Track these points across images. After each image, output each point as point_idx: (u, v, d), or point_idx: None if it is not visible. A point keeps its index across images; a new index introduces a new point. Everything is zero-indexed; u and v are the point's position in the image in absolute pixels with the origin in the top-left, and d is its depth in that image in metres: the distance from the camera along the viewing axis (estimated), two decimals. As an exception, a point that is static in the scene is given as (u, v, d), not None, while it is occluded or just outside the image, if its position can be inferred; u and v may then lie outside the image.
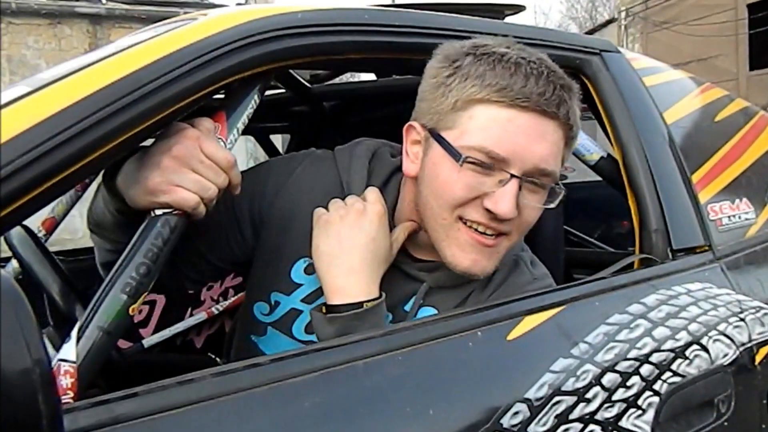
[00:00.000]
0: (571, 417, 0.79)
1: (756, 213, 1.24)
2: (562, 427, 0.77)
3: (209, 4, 9.54)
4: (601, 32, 15.38)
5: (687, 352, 0.94)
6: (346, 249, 0.81)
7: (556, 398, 0.78)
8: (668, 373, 0.91)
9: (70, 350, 0.62)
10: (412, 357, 0.74)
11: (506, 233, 0.81)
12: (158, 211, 0.71)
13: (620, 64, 1.19)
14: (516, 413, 0.74)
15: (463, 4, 1.25)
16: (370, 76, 1.69)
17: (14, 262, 1.28)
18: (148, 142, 0.74)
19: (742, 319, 1.04)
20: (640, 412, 0.86)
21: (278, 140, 2.50)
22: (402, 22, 0.92)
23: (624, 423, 0.84)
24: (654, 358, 0.90)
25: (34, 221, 1.22)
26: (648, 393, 0.87)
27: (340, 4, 0.90)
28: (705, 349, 0.96)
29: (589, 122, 1.36)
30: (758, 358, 1.04)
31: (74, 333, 0.63)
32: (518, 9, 1.37)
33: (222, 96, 0.82)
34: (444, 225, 0.81)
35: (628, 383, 0.86)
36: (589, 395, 0.81)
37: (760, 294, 1.12)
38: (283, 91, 1.67)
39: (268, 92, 1.50)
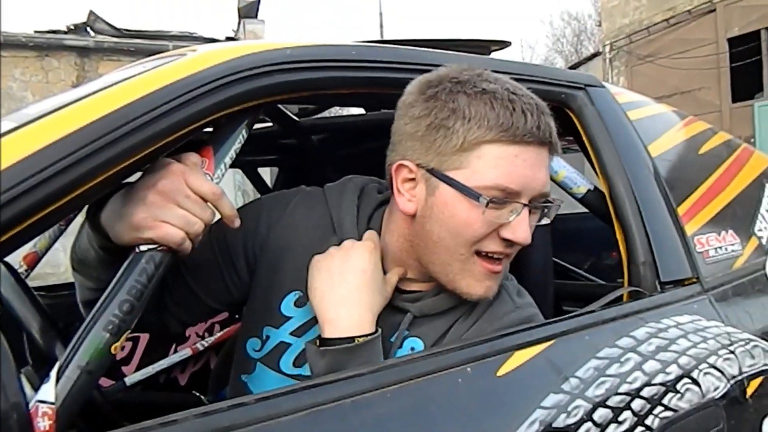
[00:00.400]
0: (562, 455, 0.77)
1: (742, 245, 1.25)
2: (554, 465, 0.76)
3: (199, 38, 9.61)
4: (587, 65, 15.68)
5: (678, 386, 0.93)
6: (337, 281, 0.83)
7: (548, 435, 0.77)
8: (660, 408, 0.90)
9: (49, 391, 0.60)
10: (401, 394, 0.72)
11: (509, 255, 0.86)
12: (143, 247, 0.70)
13: (605, 98, 1.21)
14: (507, 451, 0.73)
15: (449, 40, 1.27)
16: (359, 110, 1.71)
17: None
18: (135, 177, 0.73)
19: (732, 352, 1.03)
20: (632, 448, 0.84)
21: (266, 173, 2.51)
22: (389, 58, 0.93)
23: (616, 460, 0.82)
24: (645, 392, 0.89)
25: (16, 256, 1.20)
26: (640, 428, 0.86)
27: (328, 40, 0.91)
28: (696, 382, 0.95)
29: (576, 155, 1.38)
30: (749, 391, 1.03)
31: (54, 373, 0.62)
32: (504, 45, 1.39)
33: (210, 130, 0.82)
34: (461, 260, 0.84)
35: (620, 418, 0.85)
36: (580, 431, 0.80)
37: (748, 326, 1.11)
38: (271, 124, 1.68)
39: (256, 126, 1.51)
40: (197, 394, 1.48)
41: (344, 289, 0.83)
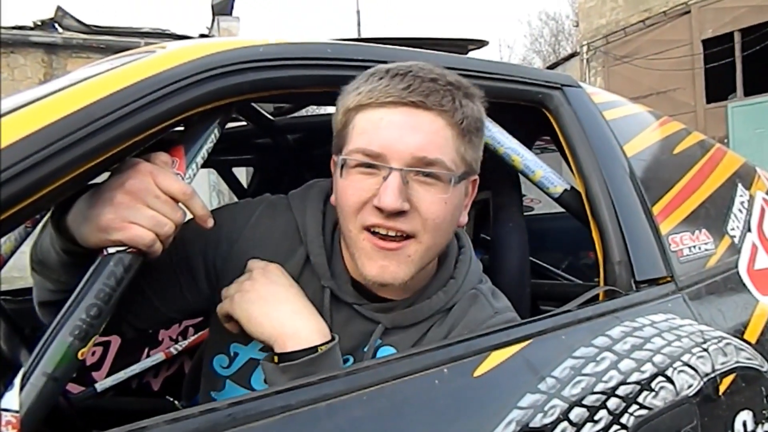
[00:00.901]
0: (539, 455, 0.77)
1: (715, 244, 1.26)
2: (531, 466, 0.76)
3: (171, 35, 9.45)
4: (564, 66, 15.81)
5: (653, 384, 0.94)
6: (280, 299, 0.80)
7: (524, 436, 0.76)
8: (635, 406, 0.90)
9: (12, 399, 0.59)
10: (376, 397, 0.72)
11: (412, 234, 0.80)
12: (111, 249, 0.68)
13: (581, 98, 1.21)
14: (483, 453, 0.72)
15: (427, 39, 1.26)
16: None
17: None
18: (102, 177, 0.71)
19: (705, 350, 1.04)
20: (608, 447, 0.85)
21: (242, 173, 2.48)
22: (365, 56, 0.92)
23: (592, 459, 0.82)
24: (620, 391, 0.89)
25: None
26: (616, 427, 0.87)
27: (303, 38, 0.90)
28: (670, 380, 0.96)
29: (553, 155, 1.38)
30: (722, 388, 1.04)
31: (18, 380, 0.60)
32: (482, 44, 1.39)
33: (181, 129, 0.80)
34: (352, 238, 0.82)
35: (596, 417, 0.85)
36: (557, 431, 0.80)
37: (721, 324, 1.13)
38: (245, 123, 1.66)
39: (230, 125, 1.48)
40: (171, 399, 1.45)
41: (292, 302, 0.80)
